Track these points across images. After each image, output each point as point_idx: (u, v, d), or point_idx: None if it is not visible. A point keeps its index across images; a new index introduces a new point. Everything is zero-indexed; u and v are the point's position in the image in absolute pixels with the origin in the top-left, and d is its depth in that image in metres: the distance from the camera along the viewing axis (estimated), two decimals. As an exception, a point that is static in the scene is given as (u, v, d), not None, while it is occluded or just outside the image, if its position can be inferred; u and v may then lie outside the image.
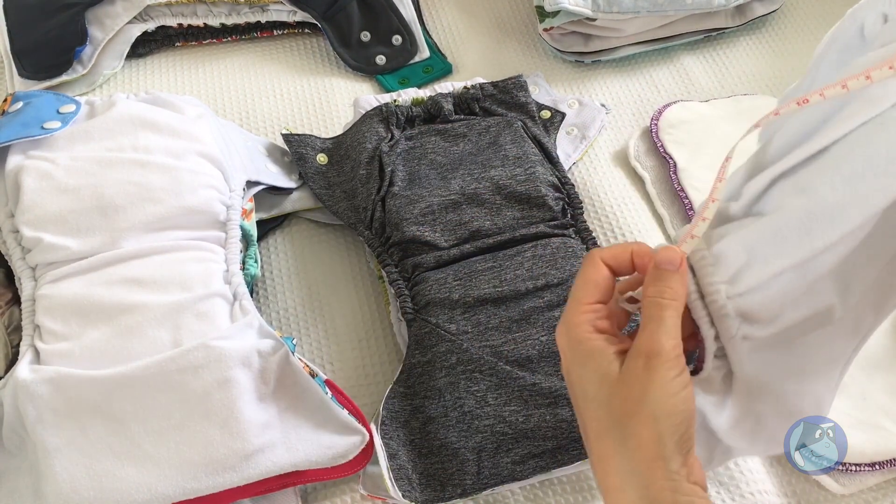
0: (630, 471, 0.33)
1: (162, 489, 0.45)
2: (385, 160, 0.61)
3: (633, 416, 0.33)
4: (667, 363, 0.33)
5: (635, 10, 0.73)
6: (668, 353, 0.33)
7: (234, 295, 0.53)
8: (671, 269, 0.34)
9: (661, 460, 0.32)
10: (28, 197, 0.52)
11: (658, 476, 0.32)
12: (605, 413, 0.35)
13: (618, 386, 0.34)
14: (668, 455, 0.33)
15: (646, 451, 0.33)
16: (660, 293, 0.34)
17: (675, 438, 0.33)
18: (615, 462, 0.34)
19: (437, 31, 0.82)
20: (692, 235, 0.35)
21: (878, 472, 0.52)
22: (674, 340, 0.34)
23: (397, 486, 0.48)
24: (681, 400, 0.33)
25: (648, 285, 0.35)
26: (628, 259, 0.37)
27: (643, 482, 0.33)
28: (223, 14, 0.76)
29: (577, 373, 0.36)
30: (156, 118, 0.57)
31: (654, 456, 0.33)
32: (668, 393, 0.33)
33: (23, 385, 0.46)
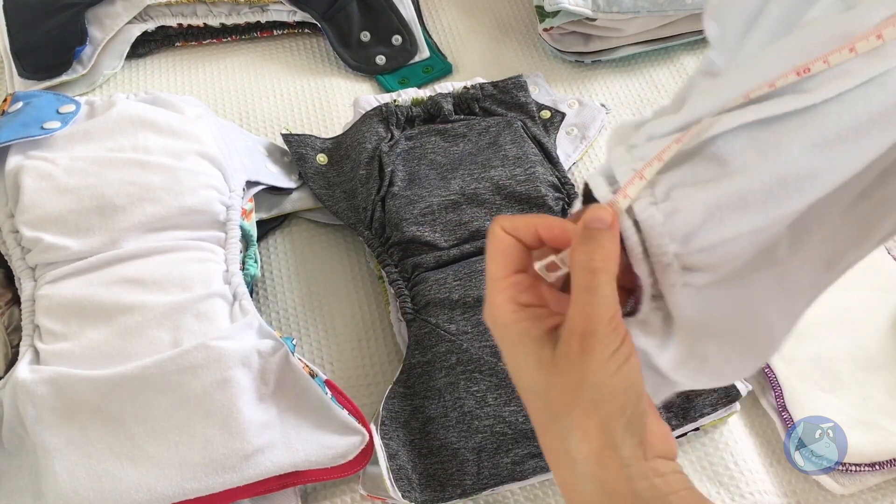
0: (580, 464, 0.30)
1: (161, 489, 0.45)
2: (385, 160, 0.61)
3: (573, 407, 0.30)
4: (603, 340, 0.29)
5: (635, 10, 0.73)
6: (603, 330, 0.29)
7: (234, 295, 0.53)
8: (601, 227, 0.30)
9: (611, 449, 0.30)
10: (28, 197, 0.52)
11: (610, 467, 0.30)
12: (543, 405, 0.32)
13: (553, 373, 0.31)
14: (617, 442, 0.30)
15: (592, 442, 0.30)
16: (590, 257, 0.30)
17: (622, 422, 0.30)
18: (563, 456, 0.31)
19: (436, 31, 0.82)
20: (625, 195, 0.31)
21: (877, 472, 0.52)
22: (610, 311, 0.30)
23: (397, 487, 0.48)
24: (623, 377, 0.30)
25: (577, 249, 0.30)
26: (533, 233, 0.33)
27: (595, 475, 0.30)
28: (223, 14, 0.76)
29: (510, 361, 0.33)
30: (155, 118, 0.57)
31: (602, 446, 0.30)
32: (607, 374, 0.29)
33: (22, 385, 0.46)
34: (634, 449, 0.30)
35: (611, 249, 0.30)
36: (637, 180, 0.31)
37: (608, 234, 0.30)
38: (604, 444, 0.30)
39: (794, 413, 0.54)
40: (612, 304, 0.30)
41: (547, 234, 0.32)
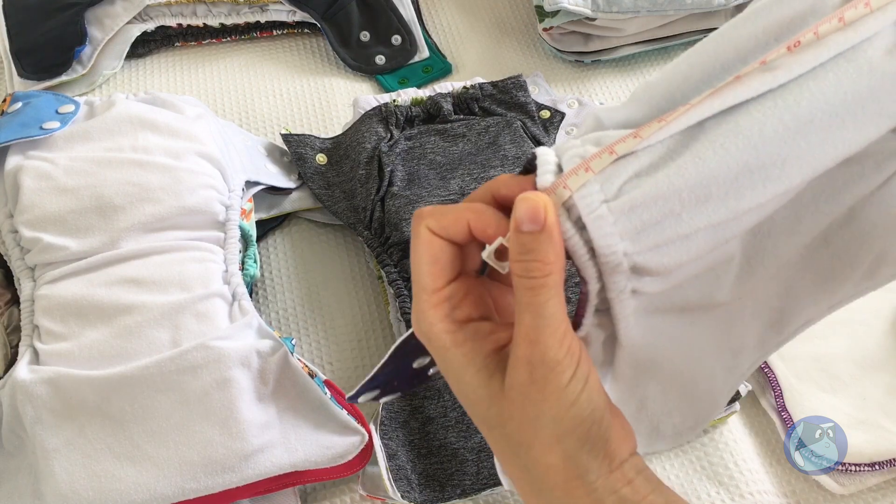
0: (546, 494, 0.28)
1: (161, 489, 0.45)
2: (384, 160, 0.61)
3: (533, 445, 0.27)
4: (555, 369, 0.26)
5: (635, 10, 0.73)
6: (554, 356, 0.26)
7: (234, 295, 0.53)
8: (535, 230, 0.26)
9: (578, 479, 0.27)
10: (27, 197, 0.52)
11: (578, 495, 0.27)
12: (500, 436, 0.29)
13: (506, 406, 0.27)
14: (583, 471, 0.27)
15: (558, 477, 0.27)
16: (527, 271, 0.26)
17: (586, 448, 0.27)
18: (528, 486, 0.29)
19: (436, 30, 0.82)
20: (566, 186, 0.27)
21: (877, 472, 0.52)
22: (559, 332, 0.26)
23: (396, 487, 0.48)
24: (584, 403, 0.27)
25: (513, 259, 0.27)
26: (464, 230, 0.28)
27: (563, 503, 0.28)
28: (223, 14, 0.76)
29: (455, 387, 0.29)
30: (155, 118, 0.57)
31: (568, 479, 0.27)
32: (566, 405, 0.26)
33: (22, 385, 0.46)
34: (600, 468, 0.28)
35: (549, 256, 0.26)
36: (582, 171, 0.27)
37: (544, 239, 0.26)
38: (570, 476, 0.27)
39: (793, 413, 0.54)
40: (559, 322, 0.26)
41: (481, 230, 0.28)
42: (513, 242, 0.27)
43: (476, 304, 0.29)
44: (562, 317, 0.27)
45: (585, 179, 0.26)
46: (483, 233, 0.28)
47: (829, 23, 0.25)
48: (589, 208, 0.26)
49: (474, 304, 0.29)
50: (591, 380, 0.27)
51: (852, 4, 0.25)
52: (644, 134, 0.26)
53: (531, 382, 0.27)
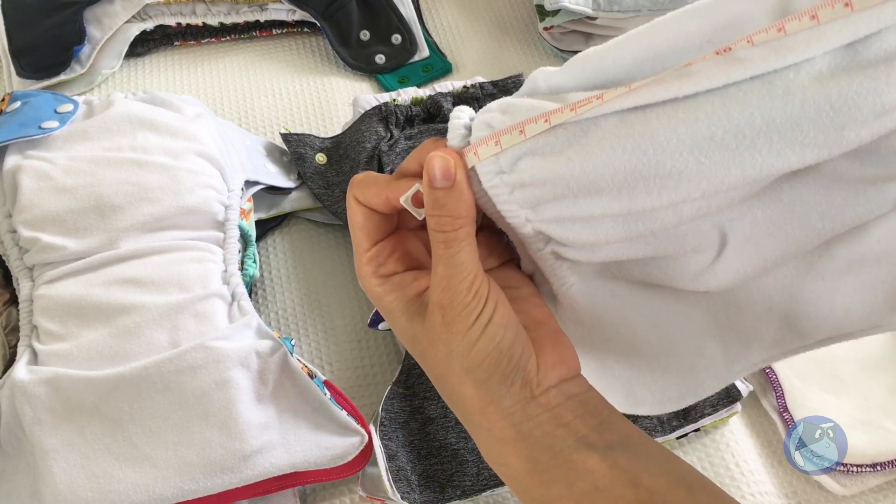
0: (469, 420, 0.31)
1: (160, 490, 0.45)
2: (384, 160, 0.61)
3: (448, 378, 0.31)
4: (462, 312, 0.29)
5: (636, 9, 0.73)
6: (461, 301, 0.29)
7: (233, 295, 0.52)
8: (446, 186, 0.29)
9: (492, 405, 0.30)
10: (25, 197, 0.52)
11: (495, 419, 0.30)
12: (426, 368, 0.32)
13: (426, 345, 0.31)
14: (496, 397, 0.30)
15: (473, 403, 0.30)
16: (440, 225, 0.29)
17: (496, 378, 0.30)
18: (458, 414, 0.32)
19: (436, 30, 0.82)
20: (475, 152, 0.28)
21: (879, 472, 0.52)
22: (468, 279, 0.29)
23: (396, 488, 0.48)
24: (486, 342, 0.29)
25: (427, 213, 0.29)
26: (384, 201, 0.31)
27: (484, 427, 0.31)
28: (222, 13, 0.76)
29: (392, 327, 0.33)
30: (154, 118, 0.57)
31: (483, 404, 0.30)
32: (470, 343, 0.29)
33: (20, 386, 0.46)
34: (517, 394, 0.30)
35: (460, 210, 0.29)
36: (492, 144, 0.28)
37: (454, 195, 0.29)
38: (484, 402, 0.30)
39: (795, 413, 0.54)
40: (469, 270, 0.29)
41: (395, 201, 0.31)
42: (427, 198, 0.29)
43: (401, 259, 0.33)
44: (471, 265, 0.29)
45: (493, 153, 0.28)
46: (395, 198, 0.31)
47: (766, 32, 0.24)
48: (486, 178, 0.29)
49: (399, 259, 0.32)
50: (495, 321, 0.30)
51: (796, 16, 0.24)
52: (554, 120, 0.27)
53: (443, 324, 0.30)
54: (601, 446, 0.29)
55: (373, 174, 0.32)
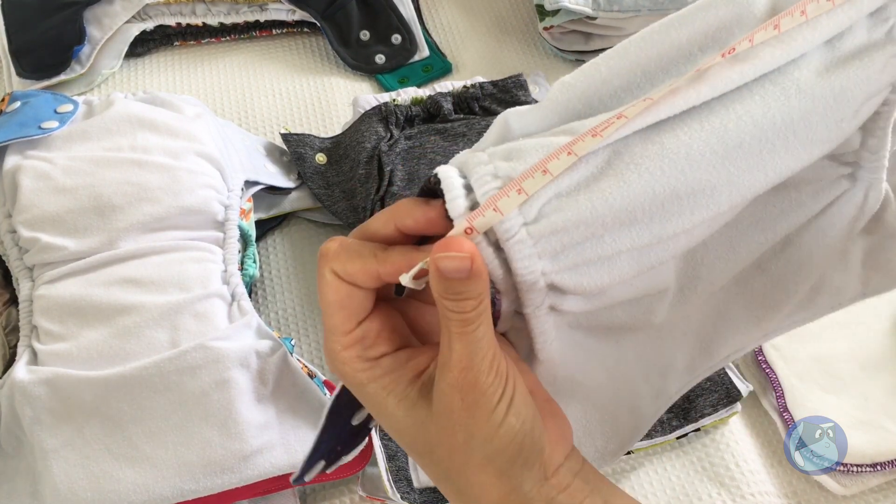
0: None
1: (160, 490, 0.45)
2: (384, 160, 0.61)
3: (466, 466, 0.27)
4: (486, 392, 0.26)
5: (636, 9, 0.73)
6: (486, 380, 0.26)
7: (233, 295, 0.52)
8: (461, 278, 0.25)
9: (513, 493, 0.27)
10: (25, 197, 0.52)
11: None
12: (430, 462, 0.28)
13: (435, 433, 0.27)
14: (517, 484, 0.27)
15: (490, 493, 0.27)
16: (459, 307, 0.25)
17: (519, 462, 0.27)
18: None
19: (436, 29, 0.82)
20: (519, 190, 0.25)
21: (879, 472, 0.52)
22: (490, 355, 0.26)
23: (396, 488, 0.48)
24: (512, 419, 0.26)
25: (441, 296, 0.25)
26: (374, 277, 0.27)
27: None
28: (222, 13, 0.76)
29: (379, 418, 0.29)
30: (154, 118, 0.57)
31: (503, 494, 0.27)
32: (496, 424, 0.26)
33: (20, 386, 0.46)
34: (535, 478, 0.27)
35: (478, 292, 0.25)
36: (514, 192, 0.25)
37: (474, 283, 0.25)
38: (505, 492, 0.27)
39: (795, 413, 0.54)
40: (488, 347, 0.26)
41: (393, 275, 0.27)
42: (438, 285, 0.25)
43: (390, 338, 0.28)
44: (491, 341, 0.26)
45: (519, 202, 0.24)
46: (395, 277, 0.27)
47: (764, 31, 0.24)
48: (508, 233, 0.25)
49: (388, 338, 0.28)
50: (518, 395, 0.27)
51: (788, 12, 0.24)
52: (578, 150, 0.24)
53: (463, 408, 0.26)
54: None
55: (351, 244, 0.27)
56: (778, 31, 0.24)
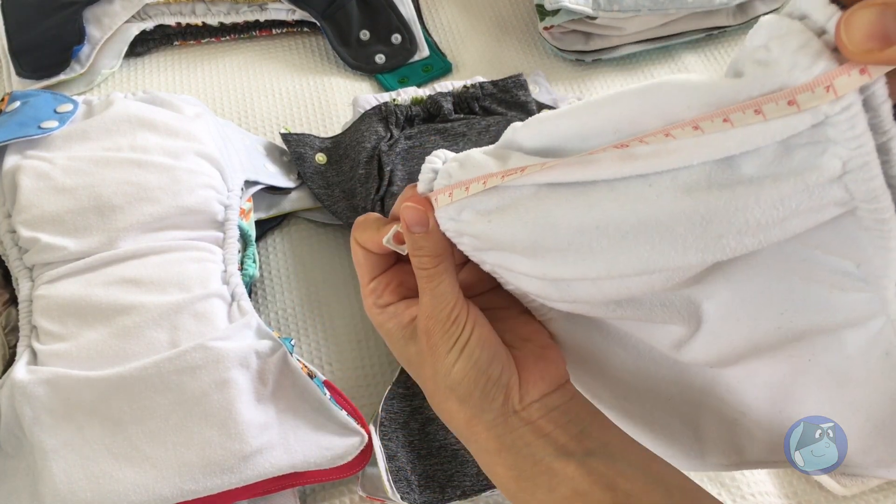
0: (458, 432, 0.35)
1: (159, 490, 0.45)
2: (384, 159, 0.61)
3: (436, 395, 0.34)
4: (444, 336, 0.33)
5: (636, 9, 0.73)
6: (441, 328, 0.33)
7: (233, 295, 0.52)
8: (422, 231, 0.32)
9: (475, 418, 0.33)
10: (25, 197, 0.52)
11: (479, 431, 0.33)
12: (422, 387, 0.36)
13: (417, 366, 0.35)
14: (478, 411, 0.33)
15: (459, 417, 0.34)
16: (421, 263, 0.33)
17: (476, 394, 0.33)
18: (449, 425, 0.35)
19: (436, 29, 0.82)
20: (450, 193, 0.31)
21: (879, 473, 0.52)
22: (448, 306, 0.33)
23: (396, 488, 0.48)
24: (465, 363, 0.33)
25: (410, 253, 0.33)
26: (378, 243, 0.35)
27: (471, 439, 0.34)
28: (222, 13, 0.76)
29: (395, 352, 0.37)
30: (154, 117, 0.57)
31: (467, 418, 0.33)
32: (450, 364, 0.33)
33: (20, 386, 0.46)
34: (499, 409, 0.33)
35: (437, 249, 0.33)
36: (446, 195, 0.31)
37: (430, 237, 0.32)
38: (468, 417, 0.33)
39: (795, 414, 0.54)
40: (449, 300, 0.33)
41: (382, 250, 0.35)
42: (407, 241, 0.33)
43: (396, 290, 0.36)
44: (451, 295, 0.33)
45: (446, 203, 0.31)
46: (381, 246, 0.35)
47: (654, 136, 0.25)
48: (442, 223, 0.32)
49: (394, 290, 0.36)
50: (473, 339, 0.33)
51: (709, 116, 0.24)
52: (489, 183, 0.29)
53: (428, 347, 0.33)
54: (580, 453, 0.32)
55: (371, 217, 0.36)
56: (672, 139, 0.24)
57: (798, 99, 0.22)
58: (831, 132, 0.22)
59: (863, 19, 0.21)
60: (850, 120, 0.22)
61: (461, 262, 0.35)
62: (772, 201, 0.23)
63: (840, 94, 0.21)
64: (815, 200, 0.23)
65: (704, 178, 0.24)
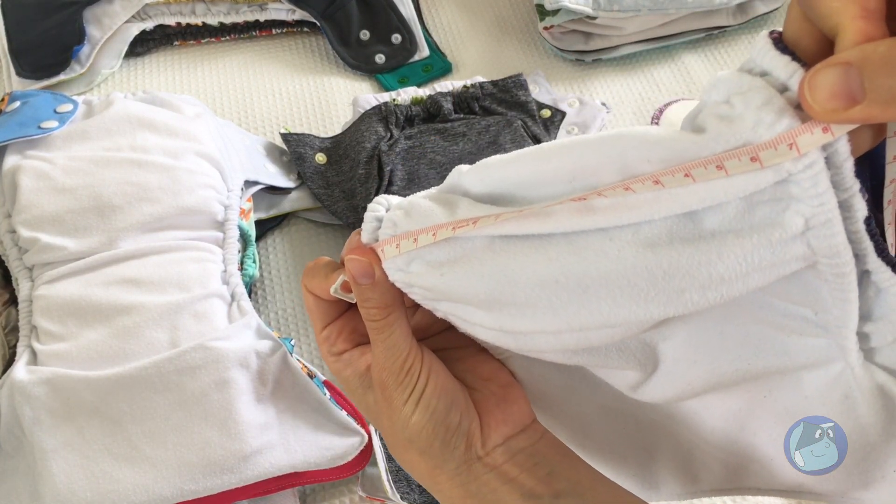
0: (426, 485, 0.33)
1: (159, 490, 0.45)
2: (384, 159, 0.61)
3: (395, 446, 0.33)
4: (397, 389, 0.31)
5: (636, 9, 0.73)
6: (395, 380, 0.31)
7: (232, 295, 0.52)
8: (368, 283, 0.31)
9: (437, 469, 0.32)
10: (25, 197, 0.52)
11: (443, 481, 0.32)
12: (383, 436, 0.35)
13: (376, 417, 0.34)
14: (440, 462, 0.32)
15: (421, 468, 0.32)
16: (370, 315, 0.31)
17: (437, 444, 0.31)
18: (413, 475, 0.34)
19: (436, 29, 0.82)
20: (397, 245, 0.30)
21: (879, 473, 0.52)
22: (401, 357, 0.31)
23: (396, 488, 0.48)
24: (421, 414, 0.31)
25: (359, 305, 0.32)
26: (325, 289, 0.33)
27: (435, 489, 0.33)
28: (222, 13, 0.76)
29: (353, 401, 0.36)
30: (153, 117, 0.57)
31: (429, 469, 0.32)
32: (407, 415, 0.31)
33: (20, 386, 0.46)
34: (461, 457, 0.32)
35: (385, 300, 0.31)
36: (393, 246, 0.30)
37: (377, 289, 0.31)
38: (430, 467, 0.32)
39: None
40: (401, 351, 0.31)
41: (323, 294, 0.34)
42: (355, 293, 0.31)
43: (349, 338, 0.34)
44: (403, 346, 0.31)
45: (394, 254, 0.30)
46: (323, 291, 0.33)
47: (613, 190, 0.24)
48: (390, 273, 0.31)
49: (347, 338, 0.34)
50: (429, 390, 0.31)
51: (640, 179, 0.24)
52: (439, 235, 0.28)
53: (383, 399, 0.32)
54: (548, 496, 0.31)
55: (320, 262, 0.34)
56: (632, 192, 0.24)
57: (761, 156, 0.22)
58: (794, 189, 0.22)
59: (827, 79, 0.20)
60: (813, 178, 0.22)
61: (412, 306, 0.33)
62: (735, 257, 0.23)
63: (803, 152, 0.21)
64: (777, 256, 0.23)
65: (666, 233, 0.24)
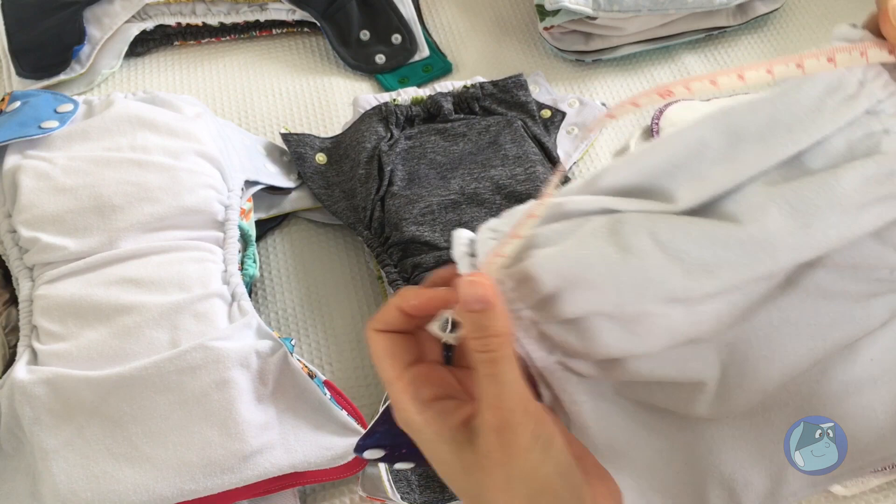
0: None
1: (160, 490, 0.45)
2: (384, 159, 0.61)
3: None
4: (522, 432, 0.28)
5: (636, 9, 0.73)
6: (518, 420, 0.28)
7: (233, 295, 0.52)
8: (483, 309, 0.28)
9: None
10: (25, 197, 0.52)
11: None
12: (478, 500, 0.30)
13: (481, 475, 0.29)
14: None
15: None
16: (485, 346, 0.28)
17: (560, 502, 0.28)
18: None
19: (436, 29, 0.82)
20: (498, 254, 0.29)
21: (880, 473, 0.52)
22: (518, 396, 0.28)
23: (396, 488, 0.48)
24: (549, 464, 0.28)
25: (470, 336, 0.28)
26: (400, 317, 0.31)
27: None
28: (222, 13, 0.76)
29: (434, 463, 0.31)
30: (154, 117, 0.57)
31: None
32: (531, 465, 0.28)
33: (20, 386, 0.46)
34: None
35: (502, 327, 0.28)
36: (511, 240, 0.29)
37: (493, 315, 0.28)
38: None
39: (795, 414, 0.54)
40: (519, 388, 0.28)
41: (414, 311, 0.30)
42: (467, 322, 0.28)
43: (439, 384, 0.31)
44: (519, 381, 0.28)
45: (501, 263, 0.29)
46: (414, 308, 0.30)
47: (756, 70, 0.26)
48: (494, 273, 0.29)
49: (437, 384, 0.31)
50: (555, 442, 0.28)
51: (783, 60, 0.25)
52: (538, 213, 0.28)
53: (499, 447, 0.28)
54: None
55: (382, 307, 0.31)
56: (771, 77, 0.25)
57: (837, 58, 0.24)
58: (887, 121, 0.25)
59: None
60: None
61: None
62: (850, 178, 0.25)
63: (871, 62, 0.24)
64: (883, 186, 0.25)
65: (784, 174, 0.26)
